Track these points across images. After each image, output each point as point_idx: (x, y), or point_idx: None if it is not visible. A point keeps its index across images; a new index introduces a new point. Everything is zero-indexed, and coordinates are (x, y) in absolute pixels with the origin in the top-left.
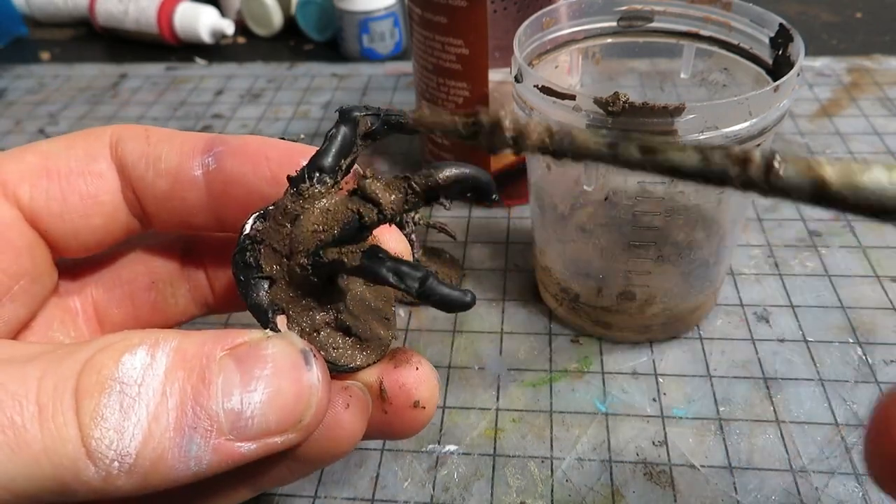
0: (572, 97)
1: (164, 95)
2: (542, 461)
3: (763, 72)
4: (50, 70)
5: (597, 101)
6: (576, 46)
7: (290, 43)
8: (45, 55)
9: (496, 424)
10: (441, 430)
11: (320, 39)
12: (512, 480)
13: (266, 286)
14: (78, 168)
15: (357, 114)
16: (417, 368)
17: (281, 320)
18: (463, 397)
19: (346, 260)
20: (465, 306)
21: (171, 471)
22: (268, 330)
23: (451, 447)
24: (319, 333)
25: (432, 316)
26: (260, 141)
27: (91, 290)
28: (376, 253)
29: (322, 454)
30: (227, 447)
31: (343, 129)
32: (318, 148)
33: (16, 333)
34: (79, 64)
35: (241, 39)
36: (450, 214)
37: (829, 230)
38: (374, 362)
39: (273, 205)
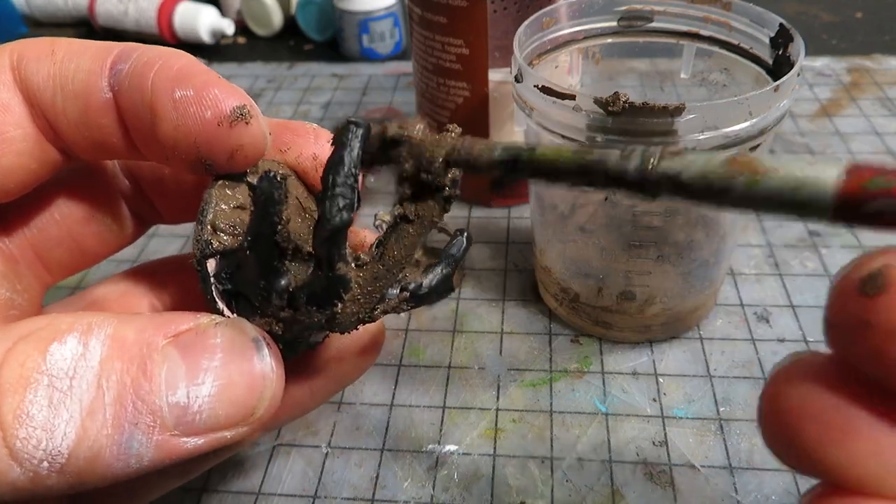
0: (572, 97)
1: None
2: (542, 461)
3: (763, 72)
4: None
5: (597, 101)
6: (576, 46)
7: (290, 43)
8: None
9: (496, 424)
10: (441, 430)
11: (320, 39)
12: (512, 480)
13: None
14: None
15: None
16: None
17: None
18: (463, 397)
19: (393, 311)
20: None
21: (109, 469)
22: (215, 316)
23: (451, 447)
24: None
25: (432, 316)
26: (157, 58)
27: (25, 233)
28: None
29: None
30: (171, 443)
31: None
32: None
33: None
34: None
35: (241, 39)
36: (450, 214)
37: (829, 230)
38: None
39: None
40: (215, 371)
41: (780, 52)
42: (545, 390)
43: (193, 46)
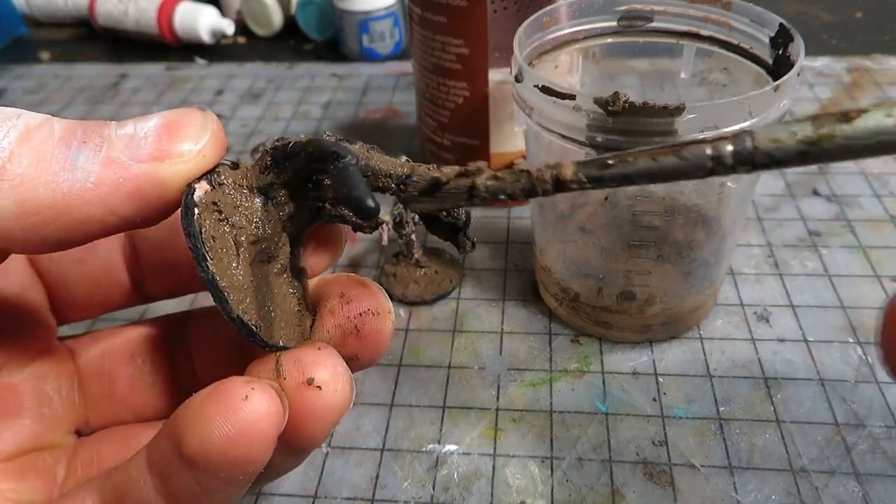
0: (572, 97)
1: (164, 95)
2: (542, 461)
3: (763, 72)
4: (50, 70)
5: (597, 101)
6: (576, 46)
7: (290, 43)
8: (45, 55)
9: (496, 424)
10: (441, 430)
11: (320, 39)
12: (512, 480)
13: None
14: None
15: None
16: (319, 349)
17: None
18: (463, 397)
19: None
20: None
21: (56, 178)
22: None
23: (451, 447)
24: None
25: (432, 316)
26: None
27: (80, 356)
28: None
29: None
30: (118, 163)
31: None
32: None
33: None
34: (79, 64)
35: (241, 39)
36: None
37: (829, 230)
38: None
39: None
40: (161, 113)
41: (780, 52)
42: (545, 390)
43: (193, 46)
